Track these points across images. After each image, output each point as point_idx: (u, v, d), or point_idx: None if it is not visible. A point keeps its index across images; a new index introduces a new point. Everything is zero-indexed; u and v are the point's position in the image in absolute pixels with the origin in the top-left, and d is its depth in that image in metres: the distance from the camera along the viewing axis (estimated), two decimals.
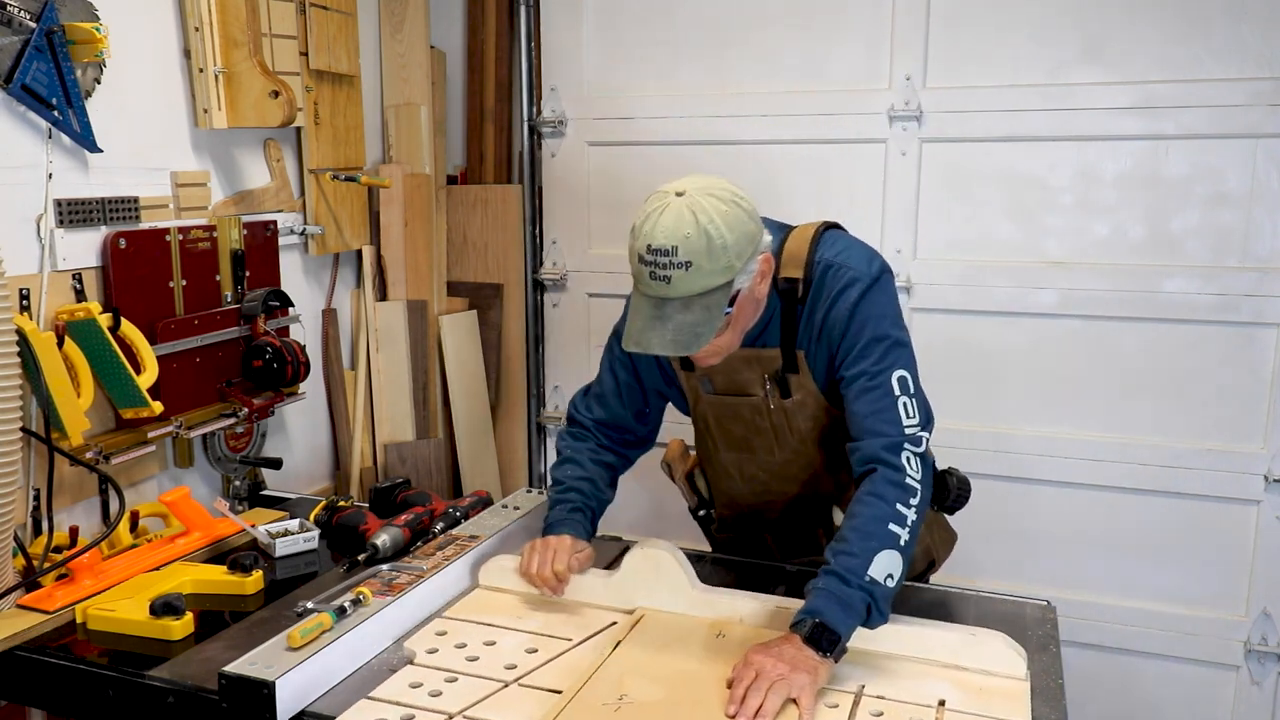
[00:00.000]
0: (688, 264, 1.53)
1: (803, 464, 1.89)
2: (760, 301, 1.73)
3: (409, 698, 1.49)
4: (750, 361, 1.81)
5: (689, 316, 1.56)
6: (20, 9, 1.93)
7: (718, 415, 1.92)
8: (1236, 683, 2.73)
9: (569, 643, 1.66)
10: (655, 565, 1.77)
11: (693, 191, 1.57)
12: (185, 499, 2.09)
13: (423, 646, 1.65)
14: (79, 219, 2.10)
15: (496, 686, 1.53)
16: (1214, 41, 2.53)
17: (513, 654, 1.63)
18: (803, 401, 1.82)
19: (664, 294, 1.56)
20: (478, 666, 1.59)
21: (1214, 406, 2.67)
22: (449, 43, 3.28)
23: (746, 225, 1.59)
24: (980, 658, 1.57)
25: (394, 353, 3.11)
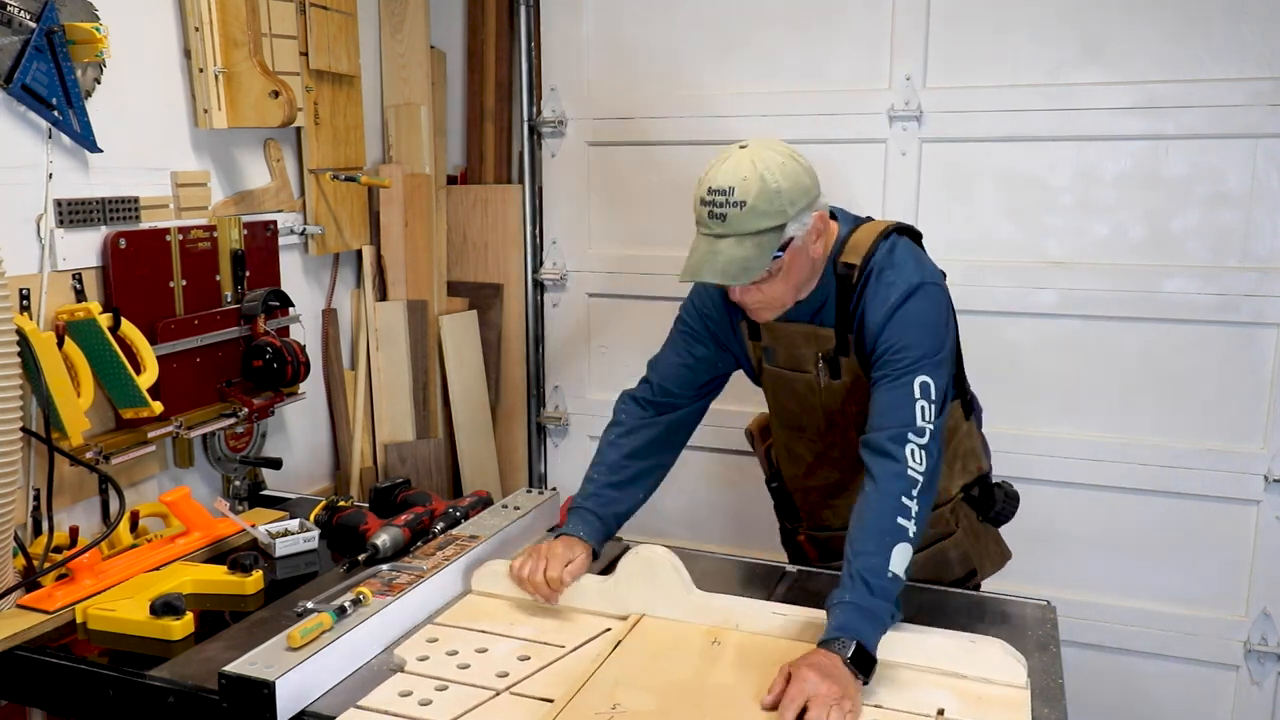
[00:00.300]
0: (742, 203, 1.66)
1: (844, 449, 1.93)
2: (815, 264, 1.80)
3: (398, 706, 1.48)
4: (809, 338, 1.88)
5: (740, 251, 1.67)
6: (20, 9, 1.93)
7: (775, 389, 1.99)
8: (1236, 683, 2.73)
9: (562, 649, 1.64)
10: (651, 569, 1.76)
11: (755, 144, 1.73)
12: (185, 499, 2.09)
13: (413, 654, 1.63)
14: (79, 219, 2.10)
15: (488, 695, 1.51)
16: (1214, 41, 2.53)
17: (505, 661, 1.61)
18: (850, 385, 1.87)
19: (720, 231, 1.68)
20: (469, 674, 1.57)
21: (1214, 406, 2.67)
22: (449, 43, 3.28)
23: (801, 178, 1.71)
24: (979, 665, 1.55)
25: (394, 353, 3.11)
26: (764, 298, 1.77)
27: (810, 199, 1.72)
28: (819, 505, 2.05)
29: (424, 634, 1.70)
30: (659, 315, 3.17)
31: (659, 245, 3.14)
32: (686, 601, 1.74)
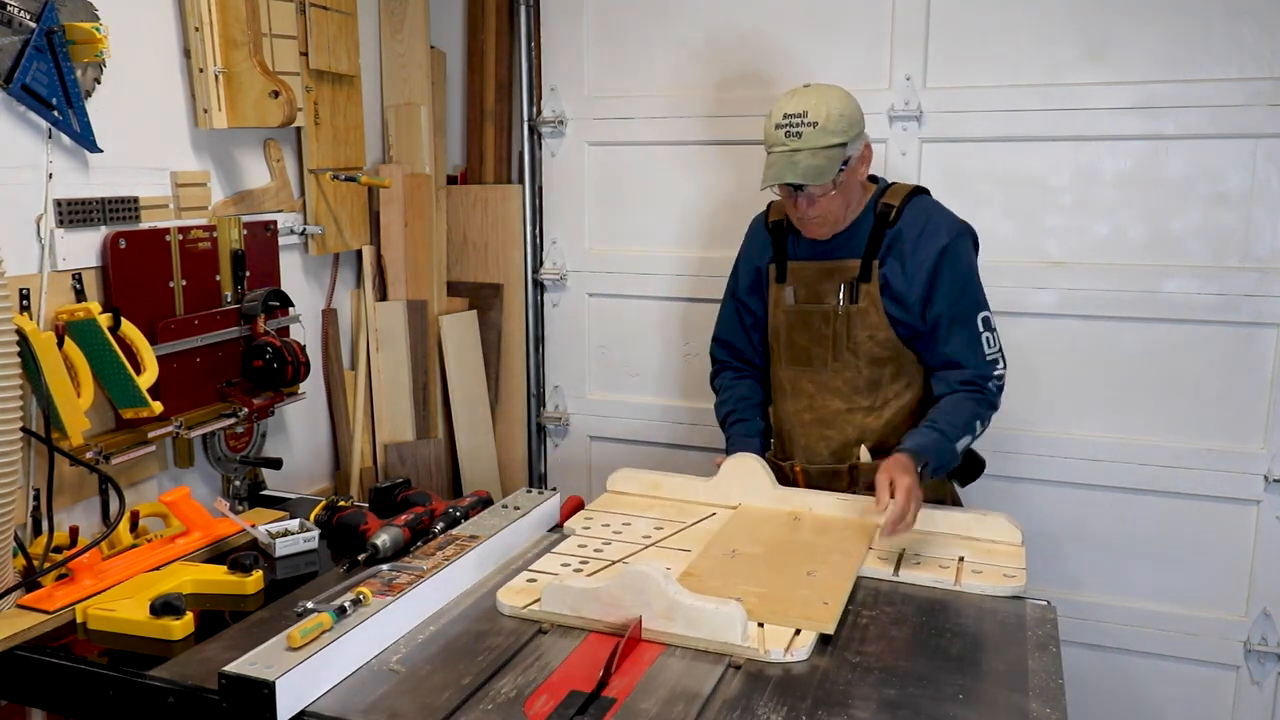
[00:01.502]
0: (815, 124, 2.04)
1: (848, 377, 2.25)
2: (861, 190, 2.20)
3: (579, 553, 2.01)
4: (832, 273, 2.23)
5: (815, 161, 2.05)
6: (20, 9, 1.93)
7: (790, 325, 2.30)
8: (1236, 683, 2.74)
9: (684, 524, 2.16)
10: (746, 470, 2.25)
11: (814, 84, 2.14)
12: (185, 499, 2.09)
13: (579, 525, 2.16)
14: (79, 219, 2.10)
15: (640, 547, 2.04)
16: (1214, 41, 2.53)
17: (646, 530, 2.14)
18: (865, 310, 2.20)
19: (796, 145, 2.05)
20: (623, 537, 2.10)
21: (1214, 406, 2.67)
22: (449, 43, 3.28)
23: (856, 110, 2.11)
24: (987, 530, 2.07)
25: (394, 353, 3.11)
26: (823, 211, 2.13)
27: (861, 127, 2.13)
28: (815, 438, 2.31)
29: (582, 515, 2.23)
30: (659, 315, 3.19)
31: (659, 245, 3.14)
32: (773, 493, 2.23)
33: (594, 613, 1.69)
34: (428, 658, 1.64)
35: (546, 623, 1.73)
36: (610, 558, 1.99)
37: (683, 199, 3.10)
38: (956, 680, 1.58)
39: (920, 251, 2.15)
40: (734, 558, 1.96)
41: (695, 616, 1.63)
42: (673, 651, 1.63)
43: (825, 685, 1.55)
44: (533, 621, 1.74)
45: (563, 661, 1.61)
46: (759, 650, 1.61)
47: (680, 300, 3.14)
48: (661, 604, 1.64)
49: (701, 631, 1.63)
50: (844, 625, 1.75)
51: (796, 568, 1.90)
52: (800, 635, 1.65)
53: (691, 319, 3.13)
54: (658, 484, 2.34)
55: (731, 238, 3.04)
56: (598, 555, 2.00)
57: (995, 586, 1.87)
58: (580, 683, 1.54)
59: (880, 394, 2.24)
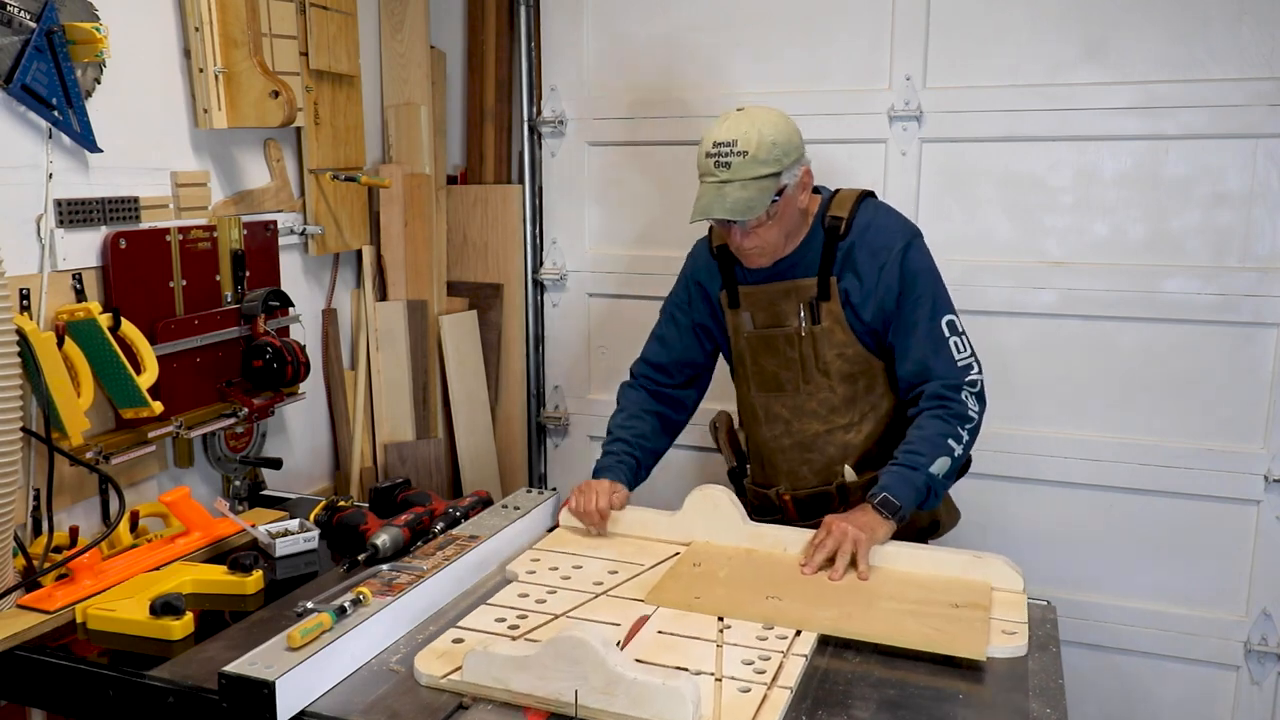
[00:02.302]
0: (744, 153, 1.94)
1: (822, 399, 2.15)
2: (803, 215, 2.08)
3: (519, 604, 1.79)
4: (789, 293, 2.12)
5: (744, 194, 1.95)
6: (20, 9, 1.93)
7: (754, 350, 2.20)
8: (1236, 683, 2.74)
9: (642, 566, 1.96)
10: (712, 504, 2.07)
11: (750, 107, 2.03)
12: (185, 499, 2.09)
13: (522, 569, 1.95)
14: (79, 219, 2.10)
15: (589, 596, 1.82)
16: (1214, 41, 2.53)
17: (598, 574, 1.93)
18: (830, 329, 2.10)
19: (725, 177, 1.95)
20: (571, 583, 1.89)
21: (1214, 406, 2.67)
22: (449, 43, 3.28)
23: (792, 135, 2.00)
24: (986, 574, 1.87)
25: (394, 353, 3.11)
26: (760, 242, 2.03)
27: (799, 153, 2.01)
28: (797, 463, 2.21)
29: (528, 555, 2.02)
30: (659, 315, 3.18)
31: (659, 245, 3.14)
32: (742, 530, 2.04)
33: (522, 685, 1.46)
34: None
35: (469, 696, 1.50)
36: (553, 610, 1.75)
37: (683, 199, 3.08)
38: (956, 680, 1.58)
39: (875, 260, 2.05)
40: (700, 567, 1.87)
41: (639, 693, 1.40)
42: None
43: (825, 686, 1.55)
44: (454, 694, 1.51)
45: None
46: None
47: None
48: (599, 677, 1.41)
49: (646, 711, 1.39)
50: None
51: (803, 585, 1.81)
52: (763, 712, 1.44)
53: None
54: (615, 520, 2.13)
55: None
56: (539, 608, 1.77)
57: (993, 647, 1.65)
58: None
59: (857, 409, 2.14)
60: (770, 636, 1.67)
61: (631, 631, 1.58)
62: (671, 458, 2.43)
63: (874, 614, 1.74)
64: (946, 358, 2.04)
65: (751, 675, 1.54)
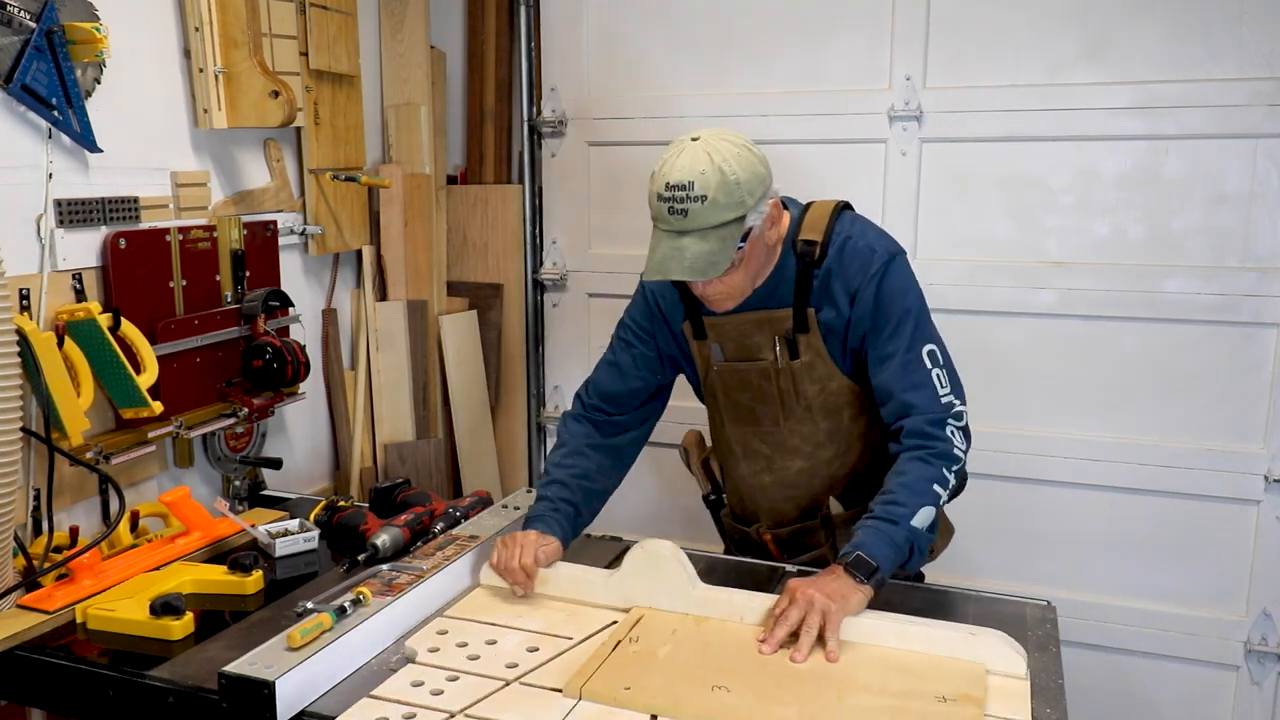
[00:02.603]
0: (703, 198, 1.66)
1: (805, 434, 1.95)
2: (772, 249, 1.84)
3: (411, 696, 1.50)
4: (762, 325, 1.89)
5: (705, 246, 1.68)
6: (20, 9, 1.93)
7: (726, 385, 1.98)
8: (1236, 683, 2.73)
9: (569, 641, 1.67)
10: (655, 564, 1.77)
11: (707, 136, 1.71)
12: (185, 499, 2.09)
13: (424, 645, 1.66)
14: (79, 219, 2.10)
15: (498, 685, 1.53)
16: (1214, 41, 2.53)
17: (514, 653, 1.63)
18: (810, 364, 1.89)
19: (682, 227, 1.69)
20: (479, 665, 1.59)
21: (1214, 406, 2.67)
22: (449, 43, 3.28)
23: (757, 168, 1.72)
24: (980, 655, 1.58)
25: (394, 353, 3.11)
26: (725, 289, 1.80)
27: (765, 188, 1.74)
28: (779, 500, 2.02)
29: (434, 626, 1.73)
30: None
31: None
32: (690, 595, 1.75)
33: None
34: None
35: None
36: (448, 708, 1.46)
37: None
38: None
39: (850, 286, 1.82)
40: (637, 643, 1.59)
41: None
42: None
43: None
44: None
45: None
46: None
47: None
48: None
49: None
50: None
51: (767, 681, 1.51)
52: None
53: None
54: (544, 579, 1.83)
55: None
56: (432, 705, 1.47)
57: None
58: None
59: (843, 439, 1.94)
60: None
61: None
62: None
63: (843, 713, 1.45)
64: (929, 392, 1.80)
65: None
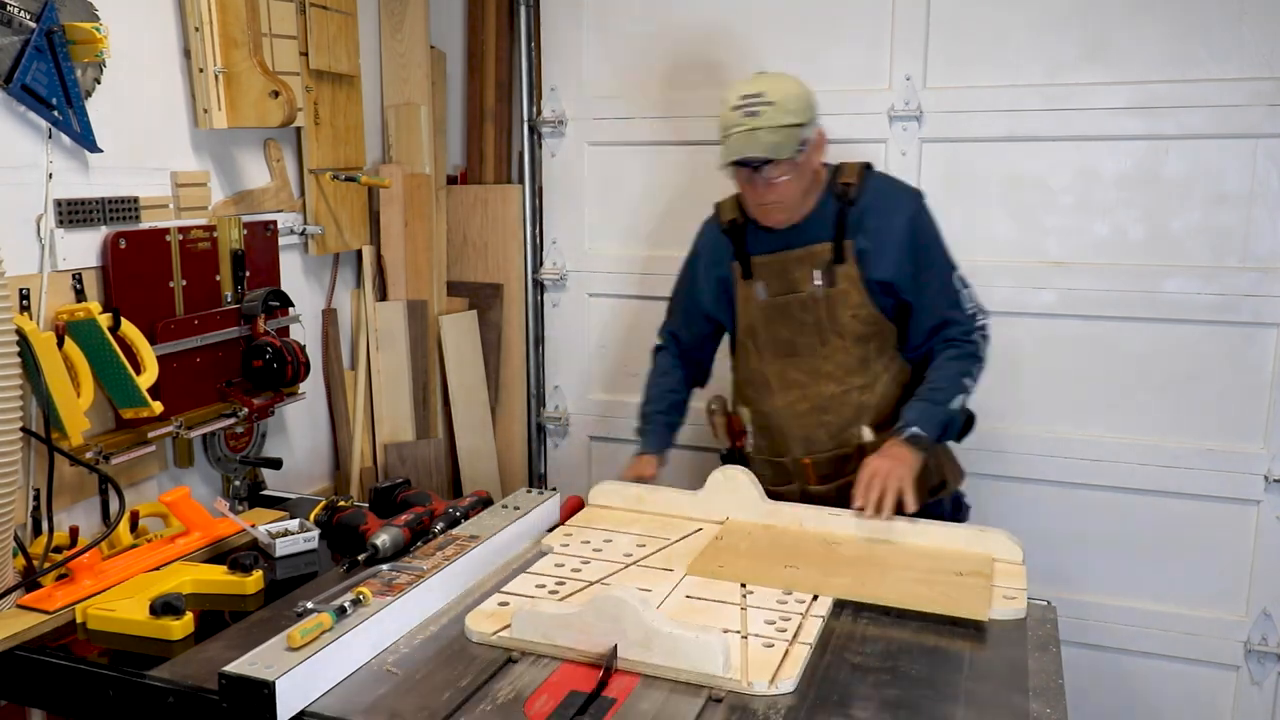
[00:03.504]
0: (772, 103, 2.06)
1: (838, 360, 2.25)
2: (817, 175, 2.21)
3: (558, 573, 1.92)
4: (803, 260, 2.23)
5: (775, 137, 2.06)
6: (20, 9, 1.93)
7: (768, 318, 2.30)
8: (1236, 683, 2.74)
9: (668, 540, 2.09)
10: (733, 484, 2.19)
11: (768, 71, 2.23)
12: (185, 499, 2.09)
13: (556, 542, 2.07)
14: (79, 219, 2.10)
15: (620, 566, 1.95)
16: (1214, 41, 2.53)
17: (628, 547, 2.05)
18: (845, 291, 2.21)
19: (755, 124, 2.05)
20: (603, 555, 2.01)
21: (1214, 406, 2.67)
22: (449, 43, 3.28)
23: (810, 96, 2.15)
24: (985, 547, 2.00)
25: (394, 353, 3.11)
26: (779, 195, 2.14)
27: (815, 114, 2.15)
28: (814, 426, 2.29)
29: (560, 531, 2.15)
30: (659, 315, 3.17)
31: (659, 245, 3.14)
32: (760, 507, 2.17)
33: (567, 640, 1.60)
34: (427, 658, 1.64)
35: (517, 650, 1.63)
36: (588, 578, 1.89)
37: (682, 199, 3.09)
38: (956, 680, 1.58)
39: (888, 225, 2.18)
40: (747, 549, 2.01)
41: (673, 645, 1.53)
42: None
43: (825, 685, 1.55)
44: (503, 649, 1.64)
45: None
46: (741, 682, 1.52)
47: None
48: (638, 631, 1.55)
49: (679, 662, 1.53)
50: (845, 625, 1.76)
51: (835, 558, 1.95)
52: (785, 666, 1.56)
53: None
54: (641, 497, 2.26)
55: None
56: (575, 576, 1.91)
57: (995, 609, 1.80)
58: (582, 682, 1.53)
59: (870, 370, 2.25)
60: (790, 600, 1.80)
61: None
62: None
63: (886, 580, 1.87)
64: (960, 309, 2.21)
65: (774, 633, 1.67)
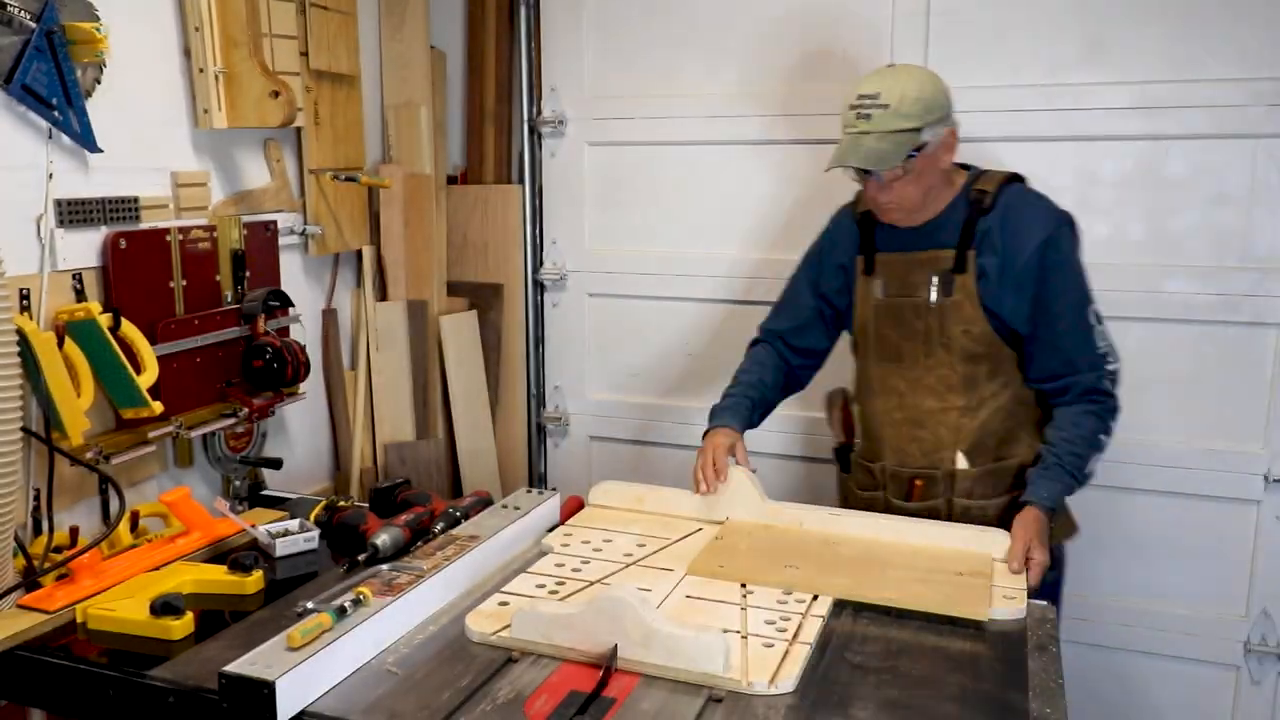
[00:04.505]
0: (886, 105, 1.96)
1: (940, 375, 2.15)
2: (945, 176, 2.09)
3: (558, 573, 1.93)
4: (925, 263, 2.13)
5: (881, 145, 1.97)
6: (20, 9, 1.93)
7: (880, 319, 2.21)
8: (1236, 683, 2.73)
9: (668, 540, 2.09)
10: (734, 484, 2.17)
11: (900, 64, 2.13)
12: (185, 499, 2.09)
13: (557, 542, 2.08)
14: (79, 219, 2.10)
15: (621, 566, 1.96)
16: (1214, 41, 2.53)
17: (627, 547, 2.06)
18: (959, 304, 2.10)
19: (864, 129, 1.98)
20: (603, 554, 2.02)
21: (1214, 406, 2.67)
22: (449, 43, 3.28)
23: (938, 94, 2.02)
24: (985, 547, 1.99)
25: (394, 353, 3.11)
26: (895, 198, 2.05)
27: (944, 112, 2.02)
28: (906, 438, 2.21)
29: (560, 531, 2.15)
30: (659, 315, 3.19)
31: (659, 245, 3.14)
32: (761, 507, 2.17)
33: (567, 640, 1.60)
34: (427, 658, 1.64)
35: (517, 650, 1.64)
36: (588, 578, 1.91)
37: (682, 199, 3.10)
38: (956, 680, 1.58)
39: (1018, 244, 2.04)
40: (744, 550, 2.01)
41: (673, 645, 1.54)
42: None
43: (825, 685, 1.56)
44: (503, 649, 1.65)
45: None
46: (741, 682, 1.52)
47: (680, 300, 3.14)
48: (638, 631, 1.56)
49: (679, 661, 1.54)
50: (844, 625, 1.75)
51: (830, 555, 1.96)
52: (785, 665, 1.57)
53: (691, 319, 3.13)
54: (641, 498, 2.26)
55: (732, 237, 3.05)
56: (575, 575, 1.92)
57: (995, 609, 1.79)
58: (582, 682, 1.53)
59: (976, 393, 2.12)
60: (790, 600, 1.81)
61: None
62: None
63: (886, 580, 1.87)
64: (1091, 348, 2.07)
65: (774, 633, 1.68)
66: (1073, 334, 2.07)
